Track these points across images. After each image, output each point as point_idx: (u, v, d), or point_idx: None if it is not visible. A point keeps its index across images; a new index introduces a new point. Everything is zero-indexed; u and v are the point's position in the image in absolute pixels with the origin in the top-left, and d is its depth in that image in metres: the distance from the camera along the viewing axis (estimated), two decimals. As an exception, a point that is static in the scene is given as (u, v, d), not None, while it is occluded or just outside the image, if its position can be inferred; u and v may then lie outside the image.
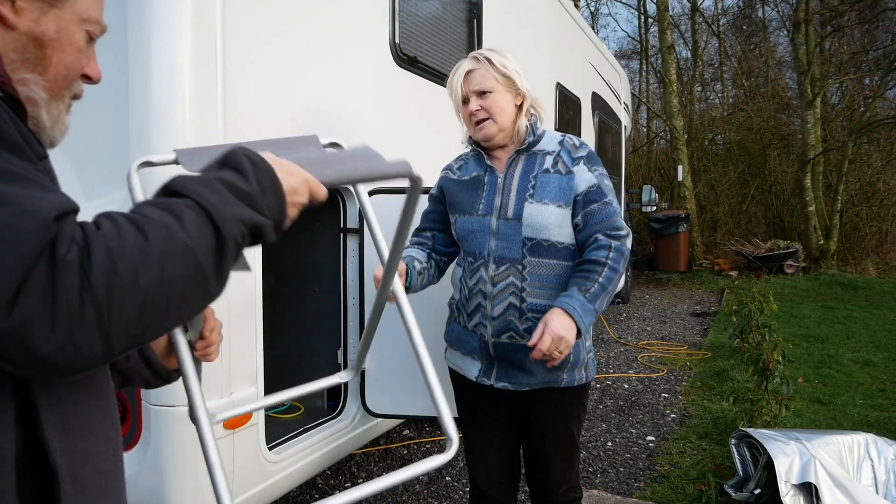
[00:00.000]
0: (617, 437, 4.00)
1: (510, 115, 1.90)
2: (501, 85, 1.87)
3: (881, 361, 5.74)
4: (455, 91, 1.92)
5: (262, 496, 2.24)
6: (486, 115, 1.88)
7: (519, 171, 1.90)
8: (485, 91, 1.87)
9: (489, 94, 1.87)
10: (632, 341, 6.83)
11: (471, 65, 1.90)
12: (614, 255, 1.79)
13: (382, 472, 3.47)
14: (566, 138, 1.93)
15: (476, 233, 1.89)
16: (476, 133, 1.92)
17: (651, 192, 10.06)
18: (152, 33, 1.89)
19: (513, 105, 1.90)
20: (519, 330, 1.84)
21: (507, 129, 1.90)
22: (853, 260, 12.46)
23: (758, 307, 4.28)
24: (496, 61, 1.87)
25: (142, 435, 1.97)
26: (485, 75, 1.87)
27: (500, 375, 1.90)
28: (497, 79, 1.87)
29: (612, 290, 1.80)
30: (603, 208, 1.84)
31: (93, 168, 2.18)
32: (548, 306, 1.79)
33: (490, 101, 1.87)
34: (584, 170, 1.86)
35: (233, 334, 2.08)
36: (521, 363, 1.86)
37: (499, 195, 1.89)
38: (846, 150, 12.28)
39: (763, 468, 2.80)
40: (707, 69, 18.44)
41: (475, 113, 1.88)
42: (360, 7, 2.72)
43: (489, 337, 1.88)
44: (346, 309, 2.76)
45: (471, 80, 1.89)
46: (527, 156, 1.92)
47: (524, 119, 1.92)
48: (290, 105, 2.34)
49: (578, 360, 1.90)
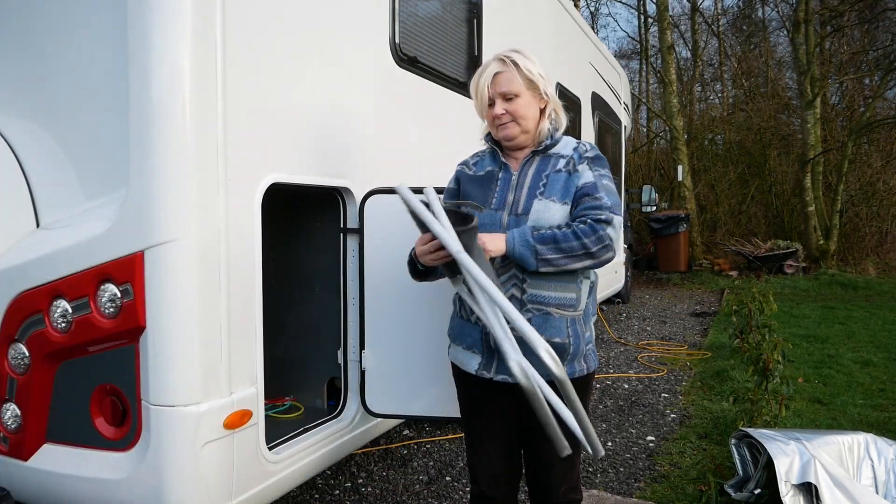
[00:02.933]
0: (617, 437, 4.00)
1: (533, 119, 1.94)
2: (527, 89, 1.91)
3: (881, 361, 5.74)
4: (481, 92, 1.94)
5: (262, 496, 2.24)
6: (511, 119, 1.92)
7: (532, 171, 1.94)
8: (511, 95, 1.91)
9: (515, 99, 1.91)
10: (632, 341, 6.83)
11: (498, 67, 1.93)
12: (583, 228, 1.80)
13: (382, 472, 3.48)
14: (580, 144, 1.98)
15: (487, 226, 1.91)
16: (498, 132, 1.96)
17: (651, 192, 10.06)
18: (152, 33, 1.89)
19: (537, 109, 1.94)
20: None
21: (531, 132, 1.95)
22: (853, 260, 12.47)
23: (758, 307, 4.28)
24: (522, 65, 1.91)
25: (142, 435, 1.97)
26: (511, 79, 1.90)
27: (500, 368, 1.92)
28: (523, 83, 1.91)
29: (567, 249, 1.79)
30: (590, 201, 1.87)
31: (93, 168, 2.18)
32: (548, 297, 1.85)
33: (515, 106, 1.91)
34: (586, 169, 1.92)
35: (233, 334, 2.08)
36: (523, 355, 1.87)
37: (512, 192, 1.93)
38: (846, 150, 12.29)
39: (763, 468, 2.80)
40: (707, 69, 18.45)
41: (500, 116, 1.92)
42: (360, 7, 2.72)
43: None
44: (346, 309, 2.76)
45: (498, 82, 1.92)
46: (542, 157, 1.96)
47: (546, 122, 1.96)
48: (290, 105, 2.34)
49: (577, 350, 1.91)
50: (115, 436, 2.05)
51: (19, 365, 2.15)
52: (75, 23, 2.20)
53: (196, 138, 1.93)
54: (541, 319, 1.86)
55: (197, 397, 1.95)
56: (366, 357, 2.65)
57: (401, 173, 2.99)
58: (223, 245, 2.03)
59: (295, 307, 3.18)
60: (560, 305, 1.88)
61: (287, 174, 2.32)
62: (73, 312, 2.04)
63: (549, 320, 1.87)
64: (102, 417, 2.07)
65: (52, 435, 2.15)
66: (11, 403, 2.18)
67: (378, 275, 2.59)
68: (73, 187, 2.20)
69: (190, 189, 1.92)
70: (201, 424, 1.95)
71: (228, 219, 2.05)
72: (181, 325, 1.92)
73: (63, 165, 2.23)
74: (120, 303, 1.96)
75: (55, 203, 2.23)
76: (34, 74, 2.29)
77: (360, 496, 3.20)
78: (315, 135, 2.47)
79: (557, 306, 1.87)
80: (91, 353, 2.06)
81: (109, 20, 2.09)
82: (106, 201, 2.09)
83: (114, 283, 1.97)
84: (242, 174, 2.11)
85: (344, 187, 2.66)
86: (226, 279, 2.04)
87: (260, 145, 2.19)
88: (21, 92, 2.32)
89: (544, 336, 1.85)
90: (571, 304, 1.89)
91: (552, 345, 1.87)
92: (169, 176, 1.90)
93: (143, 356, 1.96)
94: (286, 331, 3.18)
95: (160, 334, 1.92)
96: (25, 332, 2.13)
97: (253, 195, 2.16)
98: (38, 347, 2.11)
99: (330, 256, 2.87)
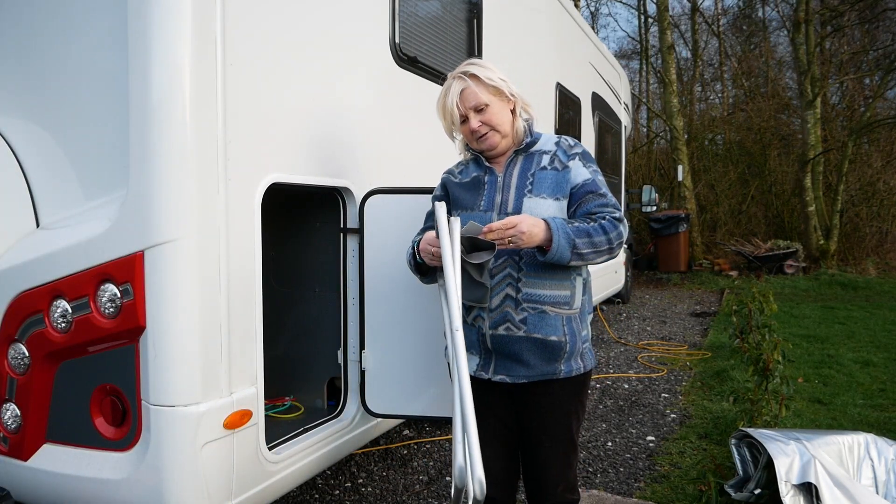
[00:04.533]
0: (617, 437, 4.00)
1: (508, 122, 1.98)
2: (494, 96, 1.95)
3: (881, 361, 5.74)
4: (451, 111, 1.97)
5: (262, 496, 2.24)
6: (489, 128, 1.95)
7: (517, 170, 1.97)
8: (481, 106, 1.94)
9: (486, 108, 1.94)
10: (632, 341, 6.83)
11: (460, 84, 1.96)
12: (607, 225, 1.84)
13: (382, 472, 3.48)
14: (562, 139, 2.02)
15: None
16: (479, 145, 1.99)
17: (651, 192, 10.05)
18: (152, 33, 1.89)
19: (508, 111, 1.99)
20: (515, 321, 1.88)
21: (509, 135, 1.99)
22: (853, 260, 12.46)
23: (758, 307, 4.28)
24: (483, 76, 1.94)
25: (142, 435, 1.97)
26: (476, 92, 1.94)
27: (497, 368, 1.93)
28: (489, 92, 1.94)
29: (597, 244, 1.82)
30: (598, 198, 1.91)
31: (93, 168, 2.18)
32: (543, 295, 1.87)
33: (489, 115, 1.94)
34: (579, 164, 1.95)
35: (233, 334, 2.08)
36: (519, 355, 1.90)
37: (499, 193, 1.95)
38: (846, 150, 12.28)
39: (763, 468, 2.80)
40: (707, 69, 18.45)
41: (477, 129, 1.95)
42: (360, 7, 2.72)
43: (487, 329, 1.92)
44: (345, 309, 2.76)
45: (466, 98, 1.95)
46: (525, 156, 1.99)
47: (520, 120, 2.01)
48: (290, 105, 2.34)
49: (574, 348, 1.93)
50: (115, 436, 2.05)
51: (19, 365, 2.15)
52: (75, 22, 2.19)
53: (196, 138, 1.93)
54: (536, 318, 1.87)
55: (197, 397, 1.95)
56: (366, 357, 2.65)
57: (401, 173, 2.99)
58: (223, 245, 2.03)
59: (295, 307, 3.18)
60: (555, 303, 1.89)
61: (287, 174, 2.32)
62: (73, 312, 2.04)
63: (545, 318, 1.87)
64: (102, 417, 2.07)
65: (52, 435, 2.15)
66: (11, 403, 2.18)
67: (378, 275, 2.59)
68: (73, 187, 2.20)
69: (190, 189, 1.92)
70: (201, 424, 1.95)
71: (228, 219, 2.05)
72: (181, 325, 1.92)
73: (63, 165, 2.23)
74: (120, 303, 1.96)
75: (55, 203, 2.23)
76: (34, 74, 2.29)
77: (360, 496, 3.20)
78: (315, 135, 2.47)
79: (552, 304, 1.88)
80: (91, 353, 2.06)
81: (109, 20, 2.08)
82: (106, 201, 2.09)
83: (114, 283, 1.97)
84: (242, 174, 2.11)
85: (344, 187, 2.66)
86: (226, 279, 2.04)
87: (260, 145, 2.19)
88: (21, 92, 2.32)
89: (540, 334, 1.87)
90: (566, 301, 1.91)
91: (548, 343, 1.88)
92: (169, 176, 1.90)
93: (143, 356, 1.96)
94: (286, 331, 3.18)
95: (160, 334, 1.92)
96: (25, 332, 2.13)
97: (253, 195, 2.16)
98: (38, 347, 2.11)
99: (330, 256, 2.87)
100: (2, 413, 2.20)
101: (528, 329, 1.88)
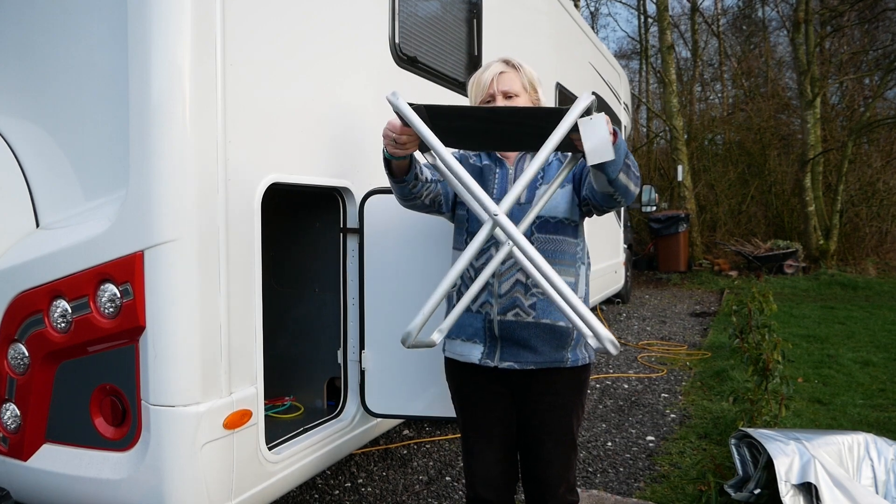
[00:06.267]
0: (617, 437, 4.00)
1: None
2: (525, 92, 1.99)
3: (881, 361, 5.74)
4: (482, 86, 1.99)
5: (261, 496, 2.24)
6: None
7: (528, 163, 1.99)
8: (512, 94, 1.97)
9: (514, 98, 1.97)
10: (632, 341, 6.83)
11: (503, 67, 2.00)
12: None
13: (382, 472, 3.48)
14: None
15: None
16: None
17: (651, 192, 10.05)
18: (152, 33, 1.89)
19: None
20: (524, 306, 1.88)
21: None
22: (853, 260, 12.46)
23: (757, 307, 4.27)
24: (526, 69, 2.01)
25: (141, 435, 1.97)
26: (514, 79, 1.98)
27: (504, 355, 1.92)
28: (524, 85, 1.99)
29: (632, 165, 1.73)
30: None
31: (93, 168, 2.18)
32: None
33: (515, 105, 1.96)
34: None
35: (232, 334, 2.08)
36: (527, 341, 1.89)
37: (511, 184, 1.97)
38: (846, 150, 12.28)
39: (763, 468, 2.80)
40: (707, 69, 18.45)
41: None
42: (360, 7, 2.72)
43: (495, 315, 1.91)
44: (345, 309, 2.76)
45: (502, 80, 1.98)
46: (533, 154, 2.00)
47: None
48: (290, 105, 2.34)
49: (579, 337, 1.94)
50: (114, 436, 2.05)
51: (19, 365, 2.15)
52: (75, 23, 2.19)
53: (195, 138, 1.93)
54: (546, 303, 1.88)
55: (196, 397, 1.95)
56: (365, 357, 2.65)
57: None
58: (223, 245, 2.03)
59: (295, 307, 3.18)
60: None
61: (287, 174, 2.32)
62: (72, 312, 2.04)
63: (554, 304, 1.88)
64: (102, 417, 2.07)
65: (52, 435, 2.15)
66: (11, 403, 2.18)
67: (378, 275, 2.59)
68: (73, 187, 2.20)
69: (189, 189, 1.92)
70: (201, 424, 1.95)
71: (228, 219, 2.05)
72: (181, 325, 1.92)
73: (63, 166, 2.22)
74: (119, 303, 1.96)
75: (55, 203, 2.23)
76: (34, 75, 2.29)
77: (359, 496, 3.20)
78: (315, 135, 2.47)
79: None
80: (91, 353, 2.06)
81: (110, 20, 2.08)
82: (106, 201, 2.09)
83: (113, 283, 1.97)
84: (242, 174, 2.11)
85: (344, 187, 2.66)
86: (226, 279, 2.04)
87: (260, 145, 2.19)
88: (21, 92, 2.32)
89: (549, 319, 1.88)
90: (572, 287, 1.91)
91: (556, 328, 1.89)
92: (168, 176, 1.90)
93: (142, 356, 1.96)
94: (286, 331, 3.18)
95: (160, 334, 1.92)
96: (25, 332, 2.13)
97: (252, 195, 2.16)
98: (38, 347, 2.11)
99: (330, 256, 2.87)
100: (2, 413, 2.20)
101: (538, 314, 1.88)
